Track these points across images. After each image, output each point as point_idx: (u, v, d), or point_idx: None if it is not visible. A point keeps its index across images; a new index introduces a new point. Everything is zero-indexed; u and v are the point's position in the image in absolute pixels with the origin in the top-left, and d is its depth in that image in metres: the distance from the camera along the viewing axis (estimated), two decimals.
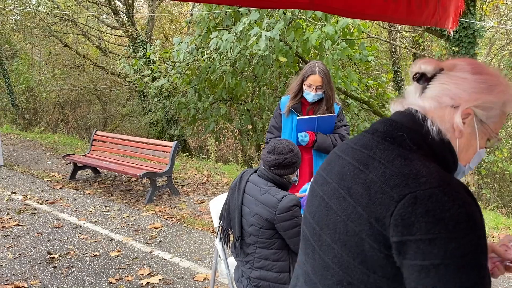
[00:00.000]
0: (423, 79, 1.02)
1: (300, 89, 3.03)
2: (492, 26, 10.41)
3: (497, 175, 11.08)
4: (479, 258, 0.80)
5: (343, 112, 3.15)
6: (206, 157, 10.73)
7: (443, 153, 0.97)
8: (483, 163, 8.95)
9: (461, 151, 1.00)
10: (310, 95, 2.96)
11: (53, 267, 3.80)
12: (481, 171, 9.23)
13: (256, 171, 2.37)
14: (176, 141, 6.08)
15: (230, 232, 2.40)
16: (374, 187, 0.90)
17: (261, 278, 2.23)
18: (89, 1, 13.40)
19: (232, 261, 2.70)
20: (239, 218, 2.29)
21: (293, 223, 2.15)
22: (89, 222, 4.95)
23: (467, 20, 7.42)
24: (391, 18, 1.96)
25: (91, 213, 5.27)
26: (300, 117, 2.97)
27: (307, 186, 2.68)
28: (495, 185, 10.90)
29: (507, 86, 0.98)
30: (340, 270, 0.96)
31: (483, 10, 9.85)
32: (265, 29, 6.68)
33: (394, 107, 1.08)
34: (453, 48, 7.75)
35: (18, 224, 4.85)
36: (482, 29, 7.82)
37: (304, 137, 2.98)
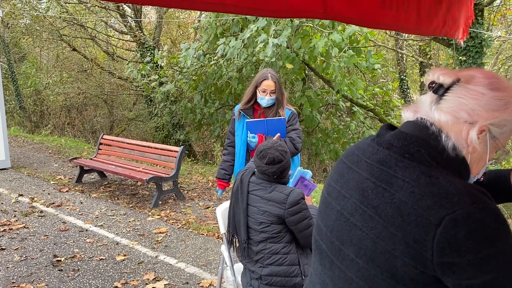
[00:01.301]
0: (440, 89, 1.01)
1: (253, 95, 3.18)
2: (500, 36, 10.40)
3: None
4: None
5: (296, 117, 3.25)
6: (211, 162, 10.75)
7: (458, 168, 0.97)
8: None
9: (472, 165, 1.00)
10: (265, 99, 3.11)
11: (59, 270, 3.81)
12: None
13: (254, 173, 2.40)
14: (182, 146, 6.11)
15: (236, 237, 2.43)
16: (405, 208, 0.90)
17: (273, 274, 2.26)
18: (97, 6, 13.53)
19: (239, 267, 2.70)
20: (245, 220, 2.33)
21: (302, 215, 2.24)
22: (95, 226, 4.97)
23: (475, 30, 7.42)
24: (402, 27, 1.97)
25: (97, 217, 5.29)
26: (249, 119, 3.11)
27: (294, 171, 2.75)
28: None
29: None
30: (365, 284, 0.97)
31: (491, 20, 9.85)
32: (272, 36, 6.71)
33: (406, 114, 1.07)
34: (460, 57, 7.75)
35: (25, 227, 4.88)
36: (489, 38, 7.82)
37: (252, 138, 3.10)
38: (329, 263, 1.07)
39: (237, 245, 2.45)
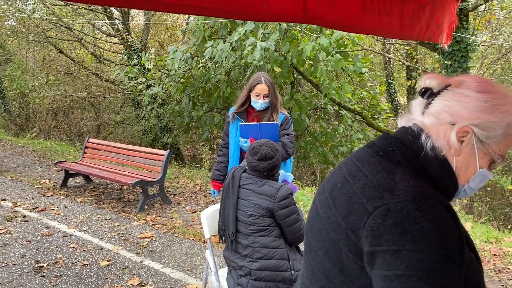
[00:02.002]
0: (427, 94, 1.01)
1: (247, 99, 3.21)
2: (485, 41, 10.55)
3: (489, 188, 11.14)
4: (446, 273, 0.79)
5: (290, 121, 3.28)
6: (199, 166, 10.69)
7: (437, 170, 0.95)
8: None
9: (459, 170, 0.98)
10: (258, 103, 3.13)
11: (41, 276, 3.74)
12: None
13: (246, 170, 2.46)
14: (169, 150, 6.06)
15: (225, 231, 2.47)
16: (353, 198, 0.91)
17: (263, 269, 2.28)
18: (84, 8, 13.41)
19: (223, 273, 2.67)
20: (234, 213, 2.37)
21: (291, 210, 2.32)
22: (80, 231, 4.90)
23: (460, 35, 7.51)
24: (384, 32, 1.98)
25: (81, 221, 5.21)
26: (243, 123, 3.13)
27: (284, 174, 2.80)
28: (487, 198, 10.95)
29: None
30: (323, 277, 0.98)
31: (476, 25, 9.98)
32: (260, 39, 6.71)
33: (400, 122, 1.08)
34: (446, 62, 7.83)
35: (7, 232, 4.78)
36: (474, 43, 7.92)
37: (244, 142, 3.12)
38: (305, 255, 1.11)
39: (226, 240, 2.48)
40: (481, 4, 8.47)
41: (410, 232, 0.80)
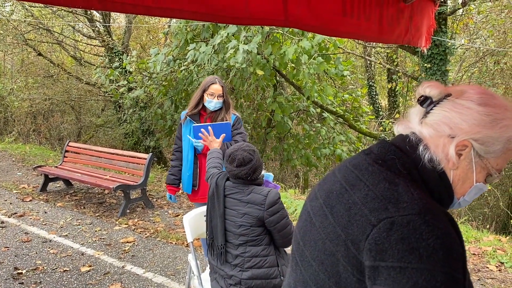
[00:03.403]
0: (427, 102, 0.98)
1: (200, 100, 3.23)
2: (463, 44, 10.77)
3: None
4: None
5: (241, 121, 3.35)
6: None
7: (434, 182, 0.94)
8: None
9: (456, 183, 0.96)
10: (212, 102, 3.18)
11: (20, 283, 3.66)
12: None
13: (228, 178, 2.40)
14: (151, 153, 6.01)
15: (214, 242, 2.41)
16: (354, 209, 0.88)
17: (253, 278, 2.25)
18: (64, 10, 13.21)
19: (206, 276, 2.66)
20: (222, 224, 2.32)
21: (281, 215, 2.26)
22: (60, 236, 4.81)
23: (439, 38, 7.65)
24: (364, 36, 2.00)
25: (61, 227, 5.12)
26: (195, 124, 3.16)
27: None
28: None
29: None
30: None
31: (454, 29, 10.18)
32: (243, 42, 6.72)
33: (397, 129, 1.05)
34: (425, 65, 7.97)
35: None
36: (453, 46, 8.08)
37: (197, 142, 3.17)
38: (295, 264, 1.06)
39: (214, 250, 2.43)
40: (459, 9, 8.65)
41: (417, 249, 0.77)
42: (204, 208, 2.86)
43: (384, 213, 0.82)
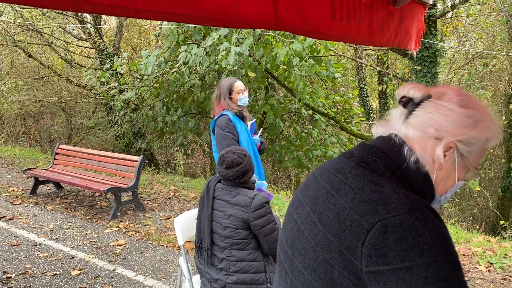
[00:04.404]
0: (410, 104, 1.00)
1: (232, 103, 3.28)
2: (452, 47, 10.88)
3: (458, 190, 11.44)
4: (458, 275, 0.79)
5: None
6: (173, 171, 10.59)
7: (418, 183, 0.96)
8: None
9: (439, 183, 0.99)
10: (245, 97, 3.26)
11: (9, 287, 3.62)
12: None
13: (220, 180, 2.41)
14: (142, 156, 5.98)
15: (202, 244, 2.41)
16: (343, 214, 0.88)
17: (239, 282, 2.23)
18: (54, 12, 13.12)
19: (197, 279, 2.65)
20: (209, 225, 2.32)
21: (267, 219, 2.25)
22: (50, 239, 4.77)
23: (429, 41, 7.72)
24: (354, 39, 2.01)
25: (52, 230, 5.08)
26: (253, 121, 3.29)
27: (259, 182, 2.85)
28: (456, 199, 11.26)
29: (491, 121, 0.96)
30: None
31: (444, 31, 10.29)
32: (234, 44, 6.72)
33: (376, 130, 1.06)
34: (415, 67, 8.04)
35: None
36: (442, 49, 8.17)
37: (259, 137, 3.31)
38: (284, 274, 1.05)
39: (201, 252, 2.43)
40: (448, 11, 8.74)
41: (417, 245, 0.78)
42: (195, 211, 2.86)
43: (375, 217, 0.83)
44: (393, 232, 0.80)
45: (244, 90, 3.27)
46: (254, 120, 3.38)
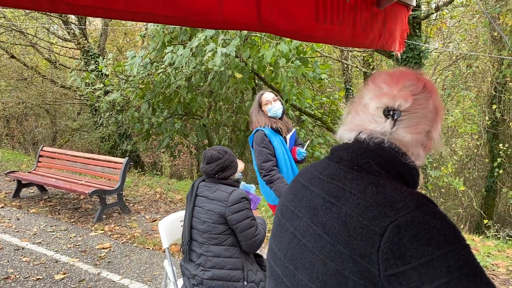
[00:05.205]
0: (396, 113, 0.98)
1: (264, 116, 3.23)
2: (436, 48, 11.01)
3: (443, 190, 11.60)
4: (474, 257, 0.80)
5: None
6: (159, 173, 10.51)
7: (411, 177, 0.97)
8: (429, 178, 9.35)
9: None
10: (274, 107, 3.20)
11: None
12: (428, 186, 9.64)
13: (205, 180, 2.46)
14: (127, 158, 5.92)
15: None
16: (351, 222, 0.86)
17: (214, 278, 2.24)
18: (38, 12, 12.93)
19: (182, 282, 2.63)
20: (189, 221, 2.35)
21: (244, 214, 2.27)
22: (33, 243, 4.69)
23: (413, 42, 7.80)
24: (337, 41, 2.02)
25: (35, 234, 4.99)
26: (291, 133, 3.28)
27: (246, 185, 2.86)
28: (441, 199, 11.38)
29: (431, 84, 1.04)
30: None
31: (428, 33, 10.41)
32: (221, 45, 6.70)
33: (347, 135, 1.04)
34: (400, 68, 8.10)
35: None
36: (427, 50, 8.25)
37: (303, 151, 3.26)
38: None
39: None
40: (432, 13, 8.85)
41: (432, 238, 0.78)
42: (180, 213, 2.85)
43: (386, 219, 0.82)
44: (406, 231, 0.80)
45: (274, 101, 3.22)
46: (294, 130, 3.32)
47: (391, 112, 0.99)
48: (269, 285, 1.12)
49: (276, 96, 3.25)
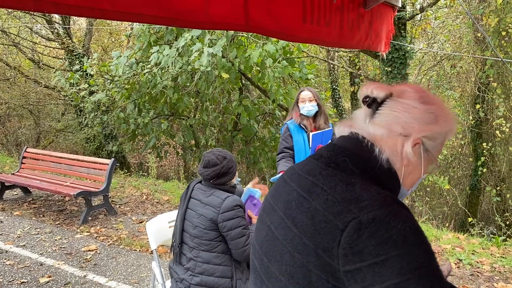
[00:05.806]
0: (374, 104, 1.01)
1: (297, 110, 3.43)
2: (421, 48, 11.14)
3: (428, 189, 11.74)
4: (433, 263, 0.80)
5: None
6: (146, 174, 10.43)
7: (388, 180, 0.97)
8: None
9: (406, 178, 1.01)
10: (305, 107, 3.35)
11: None
12: None
13: (202, 181, 2.42)
14: (113, 159, 5.85)
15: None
16: (318, 216, 0.87)
17: (202, 284, 2.21)
18: (21, 11, 12.72)
19: (170, 284, 2.61)
20: (181, 224, 2.32)
21: (236, 222, 2.23)
22: (17, 246, 4.61)
23: (399, 43, 7.88)
24: (324, 41, 2.03)
25: (19, 236, 4.91)
26: (314, 132, 3.30)
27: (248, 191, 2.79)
28: (427, 198, 11.52)
29: (449, 115, 1.00)
30: None
31: (413, 33, 10.52)
32: (207, 45, 6.68)
33: (339, 130, 1.06)
34: (386, 68, 8.18)
35: None
36: (412, 51, 8.34)
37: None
38: (260, 282, 1.03)
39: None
40: (417, 14, 8.95)
41: (390, 238, 0.79)
42: (167, 215, 2.83)
43: (349, 215, 0.83)
44: (367, 228, 0.80)
45: (310, 101, 3.36)
46: (323, 130, 3.32)
47: (368, 99, 1.02)
48: (250, 278, 1.14)
49: (314, 96, 3.37)
